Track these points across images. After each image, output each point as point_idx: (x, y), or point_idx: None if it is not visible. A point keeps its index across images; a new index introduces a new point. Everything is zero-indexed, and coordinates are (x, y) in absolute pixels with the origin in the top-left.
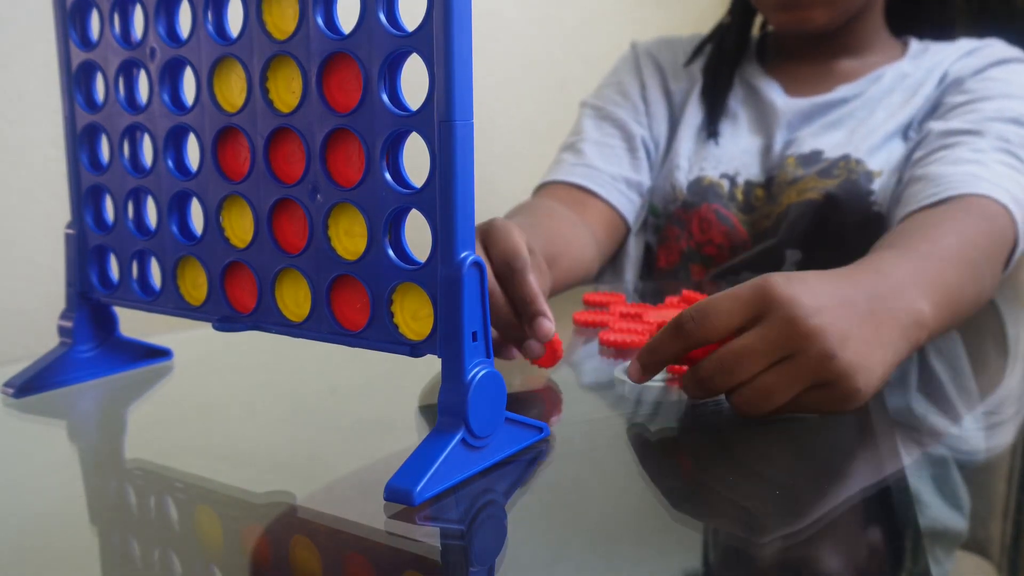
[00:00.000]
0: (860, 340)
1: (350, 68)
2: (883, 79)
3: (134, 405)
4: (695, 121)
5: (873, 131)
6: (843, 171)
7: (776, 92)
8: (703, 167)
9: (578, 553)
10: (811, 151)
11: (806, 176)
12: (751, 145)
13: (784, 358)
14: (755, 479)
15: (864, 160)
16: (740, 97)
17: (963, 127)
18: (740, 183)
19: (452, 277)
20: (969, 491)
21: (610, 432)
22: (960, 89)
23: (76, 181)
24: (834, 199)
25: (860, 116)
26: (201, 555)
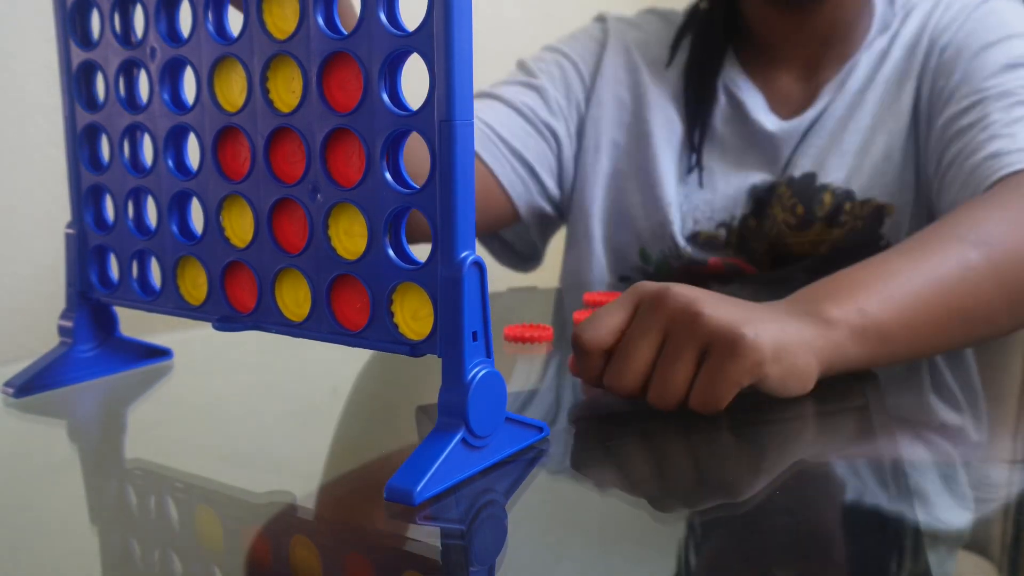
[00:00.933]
0: (733, 305)
1: (350, 68)
2: (858, 68)
3: (134, 405)
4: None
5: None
6: (849, 217)
7: (762, 109)
8: (696, 218)
9: (578, 553)
10: (803, 175)
11: (813, 225)
12: (741, 182)
13: (666, 338)
14: (756, 478)
15: (873, 196)
16: (723, 114)
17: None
18: (736, 227)
19: (452, 277)
20: (969, 491)
21: (610, 432)
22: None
23: (76, 181)
24: (843, 252)
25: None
26: (201, 555)
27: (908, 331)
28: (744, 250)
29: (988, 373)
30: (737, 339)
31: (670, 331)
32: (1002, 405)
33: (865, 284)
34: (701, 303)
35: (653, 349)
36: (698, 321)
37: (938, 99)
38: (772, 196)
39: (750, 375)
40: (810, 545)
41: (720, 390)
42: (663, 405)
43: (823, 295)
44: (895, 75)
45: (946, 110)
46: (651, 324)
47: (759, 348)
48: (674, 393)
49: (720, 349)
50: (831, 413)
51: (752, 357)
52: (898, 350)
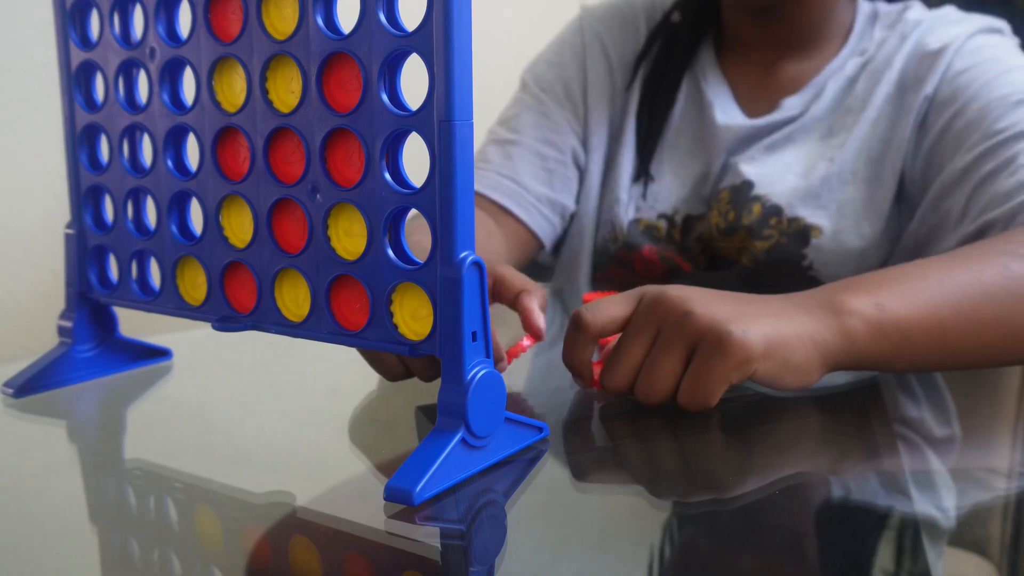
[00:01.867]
0: (728, 302)
1: (350, 68)
2: (824, 94)
3: (134, 405)
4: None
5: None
6: (774, 231)
7: (723, 106)
8: (639, 206)
9: (578, 553)
10: (742, 182)
11: (739, 231)
12: (688, 178)
13: (657, 336)
14: (756, 478)
15: (801, 215)
16: (684, 105)
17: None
18: (678, 222)
19: (452, 277)
20: (969, 490)
21: (610, 432)
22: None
23: (76, 181)
24: (761, 264)
25: (800, 144)
26: (201, 555)
27: (934, 333)
28: (682, 246)
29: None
30: (723, 336)
31: (661, 330)
32: (1002, 403)
33: (890, 282)
34: (692, 302)
35: (645, 349)
36: (687, 319)
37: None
38: (714, 199)
39: (737, 372)
40: (808, 546)
41: (707, 387)
42: (648, 400)
43: (843, 288)
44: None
45: (959, 158)
46: (645, 324)
47: (746, 346)
48: (659, 388)
49: (707, 347)
50: (831, 414)
51: (738, 355)
52: (923, 352)
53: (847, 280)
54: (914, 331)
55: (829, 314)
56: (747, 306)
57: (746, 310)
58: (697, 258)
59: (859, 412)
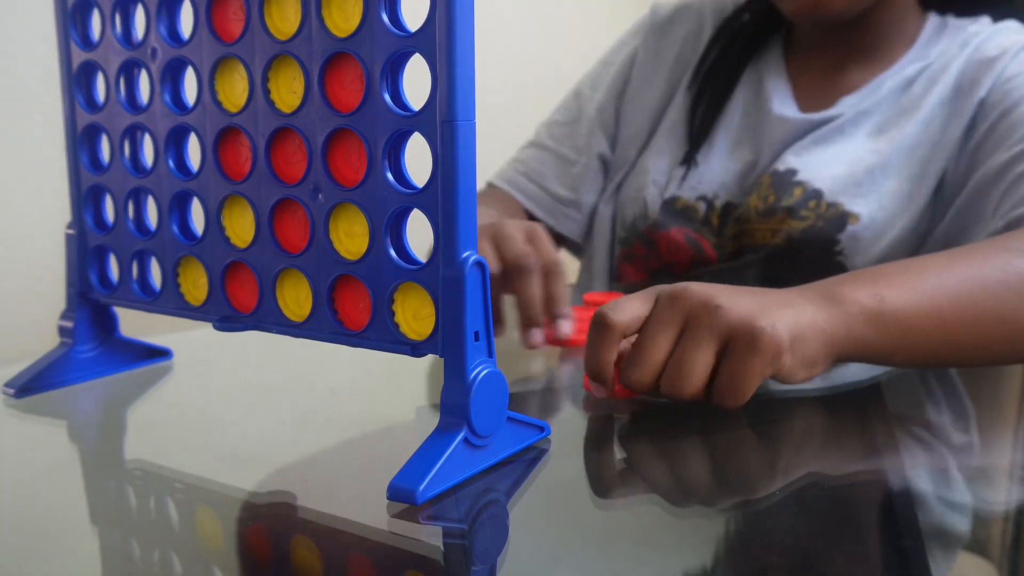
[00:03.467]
0: (749, 296)
1: (352, 68)
2: (880, 93)
3: (134, 405)
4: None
5: (861, 160)
6: (811, 213)
7: (781, 101)
8: (681, 186)
9: (579, 552)
10: (786, 169)
11: (776, 213)
12: (735, 163)
13: (684, 330)
14: (757, 479)
15: (841, 201)
16: (743, 96)
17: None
18: (718, 207)
19: (454, 277)
20: (969, 490)
21: (611, 431)
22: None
23: (76, 181)
24: (794, 243)
25: (851, 139)
26: (201, 555)
27: (934, 325)
28: (716, 231)
29: (989, 377)
30: (757, 332)
31: (689, 324)
32: (1002, 403)
33: (890, 274)
34: (719, 297)
35: (671, 343)
36: (717, 314)
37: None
38: (754, 185)
39: (771, 366)
40: (809, 548)
41: (744, 383)
42: (676, 393)
43: (842, 280)
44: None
45: (997, 155)
46: (670, 319)
47: (777, 340)
48: (691, 382)
49: (741, 343)
50: (831, 413)
51: (771, 349)
52: (922, 344)
53: (848, 273)
54: (913, 322)
55: (830, 305)
56: (765, 299)
57: (766, 303)
58: (727, 243)
59: (861, 413)
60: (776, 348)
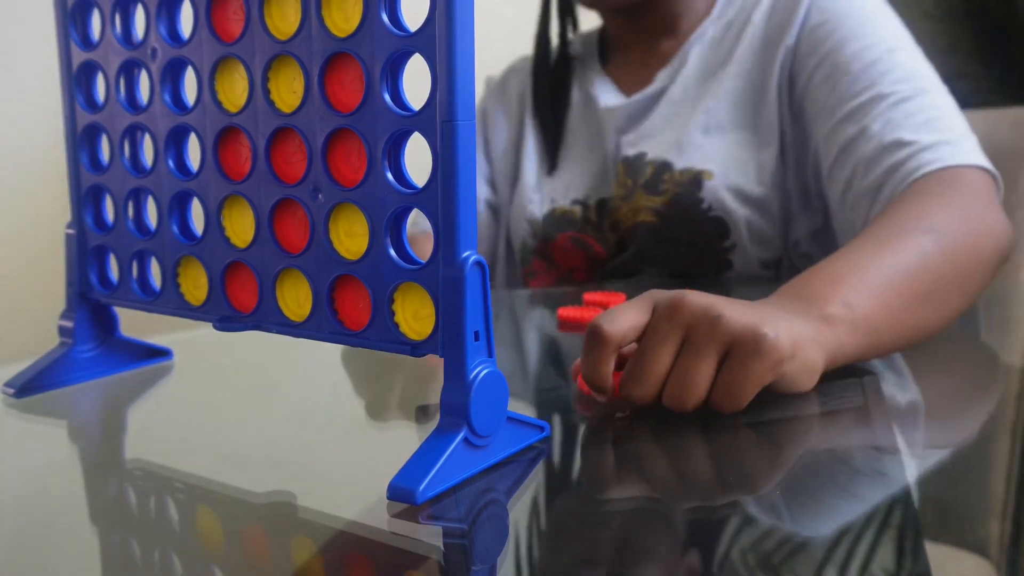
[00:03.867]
0: (747, 306)
1: (352, 68)
2: (688, 61)
3: (134, 405)
4: (535, 147)
5: (693, 123)
6: (668, 184)
7: (608, 92)
8: (553, 198)
9: (580, 552)
10: (635, 154)
11: (636, 192)
12: (590, 164)
13: (684, 342)
14: (757, 478)
15: (691, 165)
16: (577, 108)
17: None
18: (592, 205)
19: (454, 277)
20: (969, 490)
21: (612, 431)
22: (803, 48)
23: (76, 181)
24: (666, 217)
25: (678, 107)
26: (201, 555)
27: (890, 319)
28: (597, 227)
29: (987, 371)
30: (760, 339)
31: (690, 335)
32: (1002, 404)
33: (841, 278)
34: (719, 306)
35: (672, 356)
36: (719, 323)
37: (810, 101)
38: (613, 177)
39: (773, 373)
40: (812, 547)
41: (744, 388)
42: (679, 406)
43: (809, 295)
44: (723, 57)
45: (823, 119)
46: (669, 330)
47: (780, 347)
48: (693, 393)
49: (744, 349)
50: (831, 413)
51: (774, 356)
52: (884, 340)
53: (803, 282)
54: (878, 322)
55: (819, 320)
56: (763, 308)
57: (765, 312)
58: (607, 236)
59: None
60: (779, 355)
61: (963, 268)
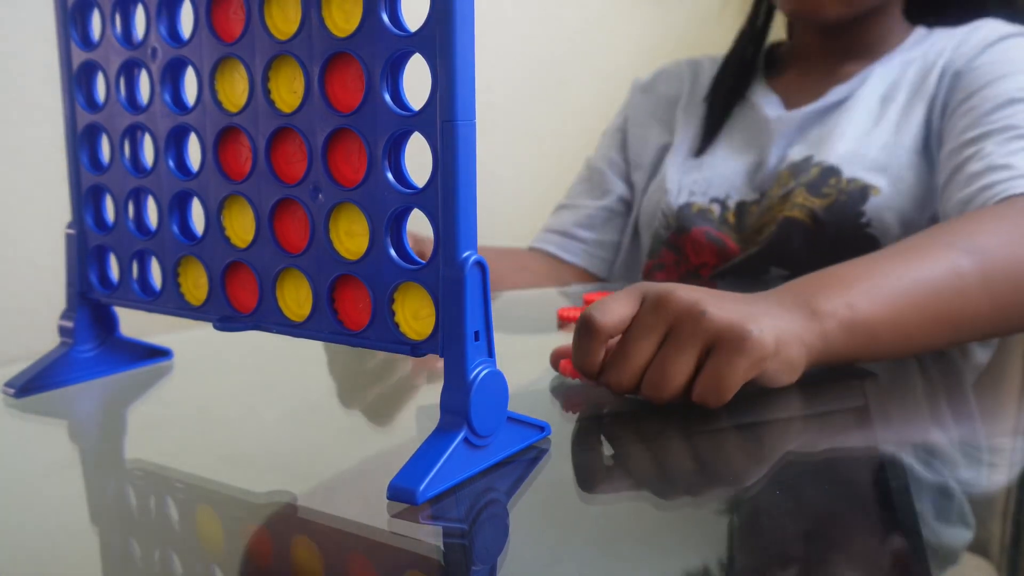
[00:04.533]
0: (734, 302)
1: (352, 68)
2: (871, 75)
3: (134, 405)
4: (685, 145)
5: (871, 137)
6: (833, 190)
7: (773, 105)
8: (692, 192)
9: (580, 552)
10: (802, 158)
11: (795, 188)
12: (740, 165)
13: (668, 334)
14: (757, 478)
15: (860, 176)
16: (736, 116)
17: (966, 138)
18: (731, 206)
19: (454, 277)
20: (970, 490)
21: (612, 431)
22: (959, 86)
23: (76, 181)
24: (821, 222)
25: (853, 119)
26: (201, 555)
27: (895, 329)
28: (735, 228)
29: (987, 372)
30: (744, 335)
31: (674, 329)
32: (1001, 405)
33: (855, 280)
34: (705, 302)
35: (654, 347)
36: (704, 319)
37: (947, 126)
38: (773, 181)
39: (755, 369)
40: (809, 545)
41: (726, 383)
42: (656, 395)
43: (814, 289)
44: (907, 88)
45: (951, 140)
46: (654, 323)
47: (763, 344)
48: (671, 384)
49: (728, 345)
50: (831, 413)
51: (758, 353)
52: (883, 347)
53: (814, 278)
54: (879, 329)
55: (809, 315)
56: (750, 306)
57: (751, 310)
58: (750, 237)
59: (861, 412)
60: (762, 352)
61: (1001, 296)
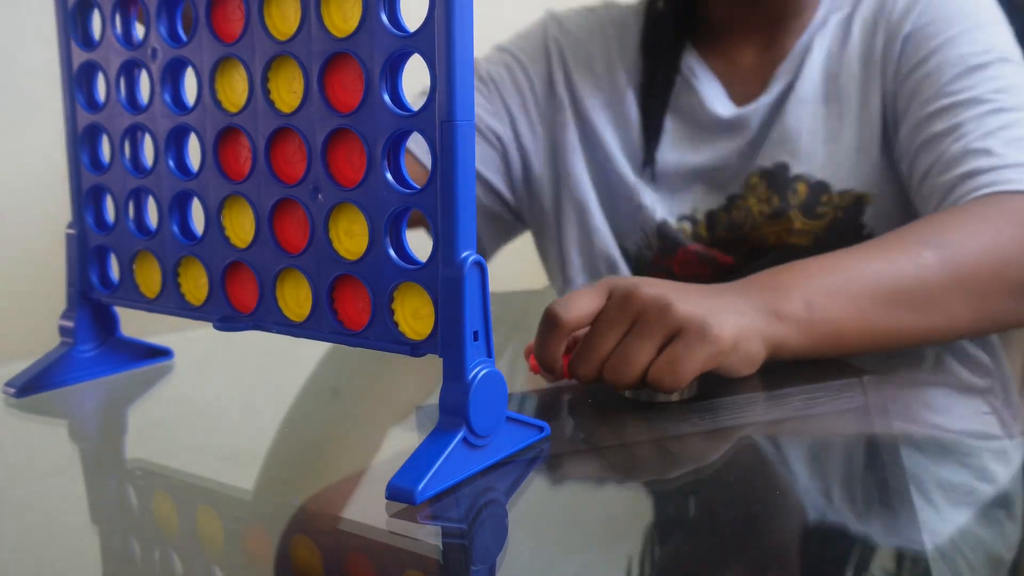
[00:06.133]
0: (699, 296)
1: (352, 68)
2: (812, 53)
3: (134, 405)
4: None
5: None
6: (828, 208)
7: (719, 99)
8: (658, 211)
9: (579, 552)
10: (775, 164)
11: (789, 211)
12: (694, 170)
13: (632, 326)
14: (756, 479)
15: (851, 187)
16: (675, 108)
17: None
18: (701, 219)
19: (454, 277)
20: (970, 491)
21: (610, 431)
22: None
23: (77, 181)
24: (824, 244)
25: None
26: (201, 555)
27: (856, 323)
28: (716, 242)
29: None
30: (705, 328)
31: (639, 320)
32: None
33: (814, 277)
34: (671, 296)
35: (618, 339)
36: (669, 311)
37: (904, 94)
38: (745, 188)
39: (714, 361)
40: (810, 544)
41: (683, 366)
42: (617, 380)
43: (774, 287)
44: (859, 63)
45: (913, 111)
46: (620, 317)
47: (722, 338)
48: (630, 371)
49: (690, 335)
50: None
51: (716, 346)
52: (848, 340)
53: (774, 274)
54: (841, 325)
55: (769, 315)
56: (713, 300)
57: (714, 304)
58: (736, 246)
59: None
60: (720, 345)
61: (970, 283)
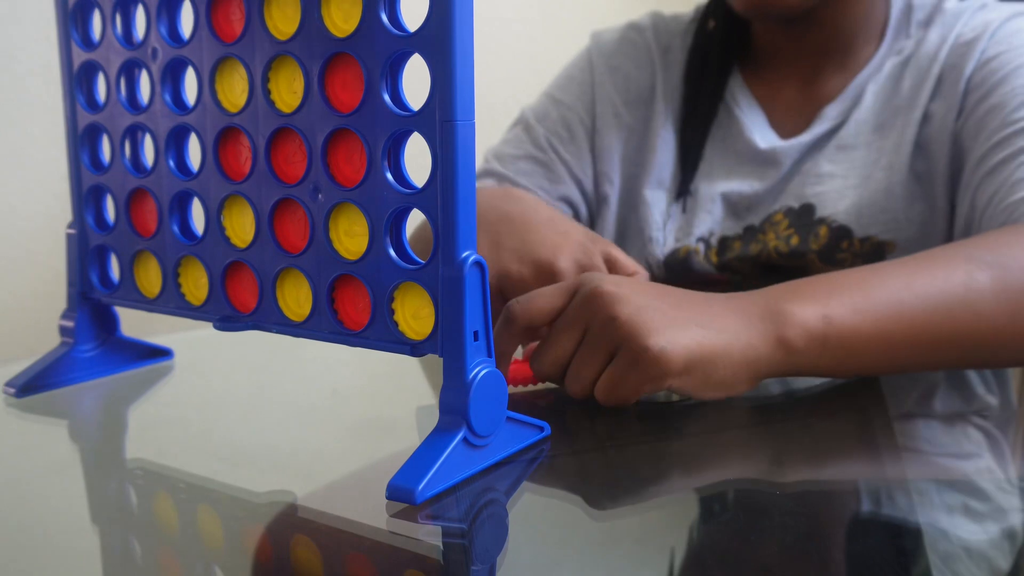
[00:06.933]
0: (657, 307)
1: (352, 68)
2: (864, 97)
3: (134, 405)
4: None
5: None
6: (847, 254)
7: (762, 129)
8: (678, 236)
9: (579, 552)
10: (801, 206)
11: (808, 255)
12: (722, 197)
13: (586, 333)
14: (756, 481)
15: (873, 234)
16: (715, 128)
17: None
18: (714, 243)
19: (454, 277)
20: (970, 491)
21: (611, 431)
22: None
23: (77, 181)
24: None
25: (851, 156)
26: (201, 555)
27: (882, 348)
28: (723, 267)
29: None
30: (639, 351)
31: (589, 328)
32: (1003, 404)
33: (843, 289)
34: (620, 305)
35: (575, 342)
36: (611, 324)
37: (968, 132)
38: (766, 223)
39: (650, 385)
40: (812, 548)
41: (620, 393)
42: (572, 391)
43: (792, 294)
44: (904, 111)
45: (979, 145)
46: (574, 319)
47: (661, 362)
48: (582, 386)
49: (624, 357)
50: (832, 415)
51: (651, 371)
52: (868, 362)
53: (800, 283)
54: (859, 346)
55: (769, 324)
56: (679, 312)
57: (676, 317)
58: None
59: (861, 413)
60: (657, 370)
61: (1020, 316)
